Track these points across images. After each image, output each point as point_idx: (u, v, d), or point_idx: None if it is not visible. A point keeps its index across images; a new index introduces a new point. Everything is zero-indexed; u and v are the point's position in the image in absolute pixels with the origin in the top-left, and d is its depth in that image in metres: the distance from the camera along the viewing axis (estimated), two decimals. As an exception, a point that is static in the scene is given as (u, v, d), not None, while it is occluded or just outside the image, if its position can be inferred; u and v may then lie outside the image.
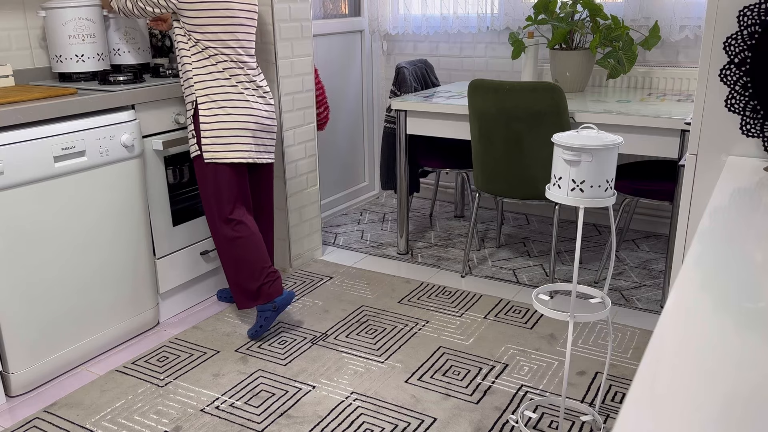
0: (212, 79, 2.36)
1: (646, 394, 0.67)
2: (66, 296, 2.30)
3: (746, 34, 1.52)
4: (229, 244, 2.44)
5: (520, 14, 3.65)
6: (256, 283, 2.45)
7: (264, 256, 2.47)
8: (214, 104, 2.36)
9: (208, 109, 2.36)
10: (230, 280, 2.49)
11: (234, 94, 2.38)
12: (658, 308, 2.77)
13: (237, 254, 2.44)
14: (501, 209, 3.48)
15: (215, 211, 2.44)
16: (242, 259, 2.43)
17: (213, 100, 2.36)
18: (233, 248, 2.44)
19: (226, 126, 2.37)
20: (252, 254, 2.44)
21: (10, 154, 2.06)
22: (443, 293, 2.94)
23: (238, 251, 2.43)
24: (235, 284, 2.48)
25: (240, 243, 2.43)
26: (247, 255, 2.43)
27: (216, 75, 2.36)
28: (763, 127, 1.56)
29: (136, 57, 2.78)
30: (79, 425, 2.07)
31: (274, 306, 2.47)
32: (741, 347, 0.76)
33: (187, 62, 2.36)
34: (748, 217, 1.19)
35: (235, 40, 2.37)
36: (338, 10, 3.95)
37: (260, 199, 2.68)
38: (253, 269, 2.44)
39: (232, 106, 2.38)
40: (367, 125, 4.25)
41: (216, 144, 2.38)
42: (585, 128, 1.81)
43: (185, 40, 2.35)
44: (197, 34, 2.32)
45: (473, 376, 2.30)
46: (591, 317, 1.83)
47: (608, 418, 2.06)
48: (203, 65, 2.35)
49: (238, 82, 2.39)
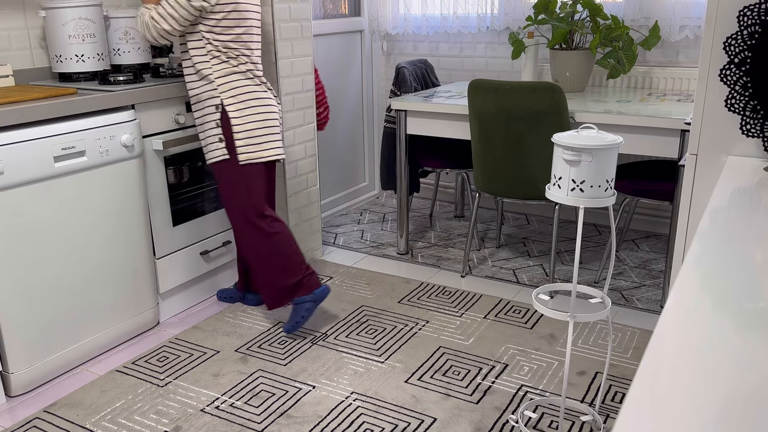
0: (236, 80, 2.36)
1: (646, 394, 0.67)
2: (66, 296, 2.30)
3: (746, 34, 1.52)
4: (268, 241, 2.44)
5: (520, 14, 3.65)
6: (296, 277, 2.47)
7: (299, 250, 2.51)
8: (242, 104, 2.37)
9: (238, 110, 2.36)
10: (265, 280, 2.48)
11: (259, 92, 2.40)
12: (658, 308, 2.77)
13: (277, 250, 2.45)
14: (501, 209, 3.48)
15: (249, 210, 2.43)
16: (282, 255, 2.45)
17: (240, 101, 2.36)
18: (272, 244, 2.45)
19: (257, 125, 2.39)
20: (291, 248, 2.47)
21: (10, 154, 2.06)
22: (443, 293, 2.94)
23: (278, 246, 2.45)
24: (269, 283, 2.48)
25: (279, 238, 2.45)
26: (286, 249, 2.46)
27: (239, 76, 2.36)
28: (763, 127, 1.56)
29: (136, 57, 2.78)
30: (79, 425, 2.07)
31: (314, 297, 2.50)
32: (741, 347, 0.76)
33: (206, 68, 2.33)
34: (748, 217, 1.19)
35: (253, 41, 2.40)
36: (338, 10, 3.95)
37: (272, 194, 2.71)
38: (292, 263, 2.47)
39: (258, 104, 2.40)
40: (367, 125, 4.25)
41: (251, 144, 2.39)
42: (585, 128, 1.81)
43: (201, 45, 2.32)
44: (220, 37, 2.31)
45: (473, 376, 2.30)
46: (591, 317, 1.83)
47: (608, 418, 2.06)
48: (223, 68, 2.34)
49: (261, 81, 2.43)
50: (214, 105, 2.37)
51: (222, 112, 2.36)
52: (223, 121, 2.37)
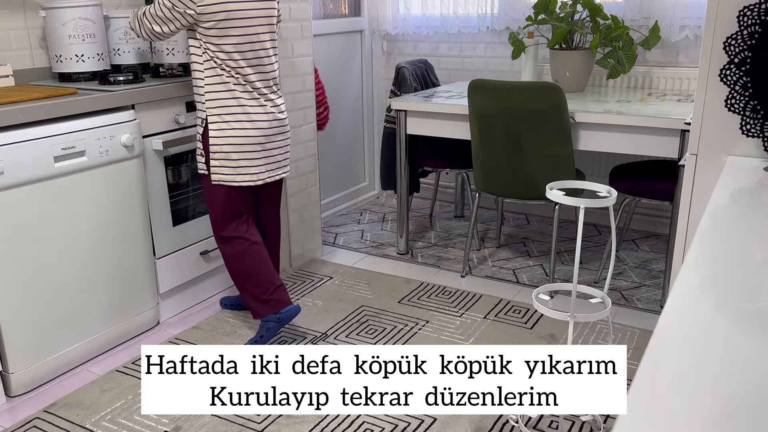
0: (225, 96, 2.26)
1: (645, 394, 0.67)
2: (66, 296, 2.30)
3: (746, 34, 1.52)
4: (230, 261, 2.42)
5: (520, 14, 3.65)
6: (263, 294, 2.41)
7: (268, 267, 2.42)
8: (225, 124, 2.27)
9: (219, 129, 2.28)
10: (240, 290, 2.45)
11: (253, 109, 2.29)
12: (658, 308, 2.77)
13: (239, 269, 2.41)
14: (501, 209, 3.48)
15: (215, 227, 2.42)
16: (245, 273, 2.40)
17: (224, 120, 2.27)
18: (234, 264, 2.41)
19: (235, 148, 2.29)
20: (253, 266, 2.40)
21: (10, 154, 2.06)
22: (443, 293, 2.94)
23: (240, 266, 2.40)
24: (242, 293, 2.45)
25: (240, 258, 2.40)
26: (249, 268, 2.40)
27: (231, 89, 2.26)
28: (763, 127, 1.56)
29: (136, 57, 2.78)
30: (79, 425, 2.07)
31: (278, 317, 2.42)
32: (741, 347, 0.76)
33: (200, 77, 2.27)
34: (748, 217, 1.19)
35: (252, 51, 2.26)
36: (338, 10, 3.95)
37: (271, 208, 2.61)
38: (260, 280, 2.40)
39: (245, 126, 2.28)
40: (367, 125, 4.25)
41: (225, 167, 2.31)
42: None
43: (199, 53, 2.25)
44: (214, 46, 2.21)
45: (473, 376, 2.30)
46: (591, 317, 1.83)
47: (608, 418, 2.06)
48: (215, 80, 2.25)
49: (252, 98, 2.29)
50: (200, 118, 2.32)
51: (204, 127, 2.31)
52: (203, 136, 2.33)
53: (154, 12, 2.23)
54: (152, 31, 2.26)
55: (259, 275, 2.40)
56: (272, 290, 2.42)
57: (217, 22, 2.18)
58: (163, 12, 2.20)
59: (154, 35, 2.28)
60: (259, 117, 2.31)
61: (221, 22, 2.19)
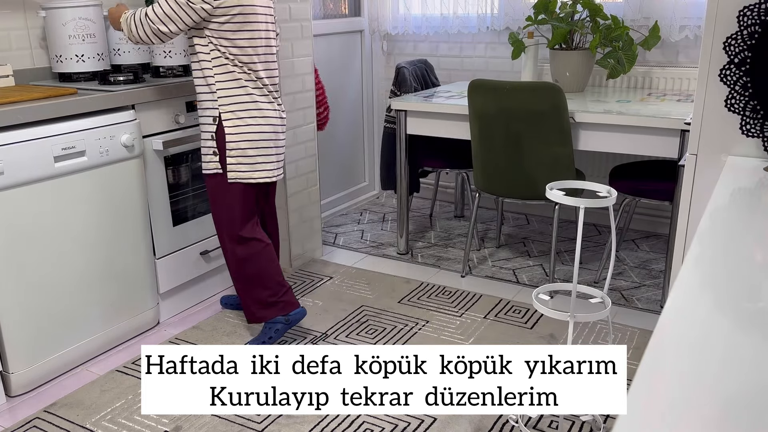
0: (238, 92, 2.24)
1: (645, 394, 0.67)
2: (66, 296, 2.30)
3: (746, 34, 1.52)
4: (242, 263, 2.37)
5: (520, 14, 3.65)
6: (272, 297, 2.39)
7: (278, 269, 2.41)
8: (240, 120, 2.25)
9: (234, 126, 2.25)
10: (241, 293, 2.42)
11: (264, 106, 2.29)
12: (658, 308, 2.77)
13: (251, 272, 2.37)
14: (501, 209, 3.48)
15: (228, 229, 2.36)
16: (257, 276, 2.37)
17: (239, 116, 2.25)
18: (247, 267, 2.37)
19: (252, 144, 2.28)
20: (266, 269, 2.38)
21: (10, 154, 2.06)
22: (443, 293, 2.94)
23: (253, 266, 2.37)
24: (245, 298, 2.42)
25: (254, 260, 2.36)
26: (261, 271, 2.37)
27: (244, 86, 2.24)
28: (763, 127, 1.56)
29: (136, 57, 2.78)
30: (79, 425, 2.07)
31: (287, 319, 2.41)
32: (741, 347, 0.76)
33: (209, 74, 2.24)
34: (748, 217, 1.19)
35: (264, 48, 2.27)
36: (338, 10, 3.95)
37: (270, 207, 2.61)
38: (270, 282, 2.38)
39: (259, 121, 2.27)
40: (367, 125, 4.25)
41: (242, 163, 2.29)
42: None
43: (207, 51, 2.21)
44: (227, 42, 2.19)
45: (473, 376, 2.30)
46: (591, 317, 1.83)
47: (608, 418, 2.06)
48: (227, 77, 2.22)
49: (268, 91, 2.31)
50: (212, 116, 2.28)
51: (218, 125, 2.27)
52: (218, 134, 2.28)
53: (159, 11, 2.15)
54: (157, 32, 2.18)
55: (270, 278, 2.39)
56: (283, 292, 2.41)
57: (232, 17, 2.16)
58: (172, 9, 2.13)
59: (157, 36, 2.20)
60: (270, 113, 2.32)
61: (237, 17, 2.17)
